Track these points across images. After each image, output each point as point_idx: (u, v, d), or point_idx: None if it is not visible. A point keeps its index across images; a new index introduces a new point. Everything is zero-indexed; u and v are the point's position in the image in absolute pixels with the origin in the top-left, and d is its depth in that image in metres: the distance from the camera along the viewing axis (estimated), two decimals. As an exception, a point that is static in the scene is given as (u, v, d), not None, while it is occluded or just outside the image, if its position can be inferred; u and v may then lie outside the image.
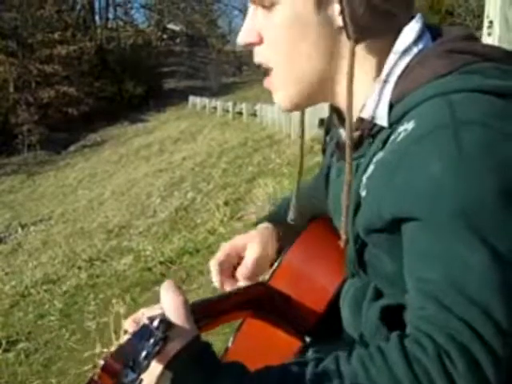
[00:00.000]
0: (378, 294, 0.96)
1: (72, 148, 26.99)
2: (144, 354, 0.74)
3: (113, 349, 0.77)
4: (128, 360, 0.73)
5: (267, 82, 0.98)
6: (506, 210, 0.76)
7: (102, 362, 0.74)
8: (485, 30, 2.65)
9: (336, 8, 0.89)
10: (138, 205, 11.00)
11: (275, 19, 0.92)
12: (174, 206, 9.22)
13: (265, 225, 1.26)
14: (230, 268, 1.21)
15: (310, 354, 1.01)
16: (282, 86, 0.96)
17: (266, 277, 1.15)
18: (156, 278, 5.87)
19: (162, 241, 7.42)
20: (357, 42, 0.89)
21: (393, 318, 0.83)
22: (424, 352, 0.75)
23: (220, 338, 2.63)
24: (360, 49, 0.91)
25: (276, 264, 1.14)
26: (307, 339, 1.05)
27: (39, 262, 9.25)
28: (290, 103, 0.98)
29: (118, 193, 13.74)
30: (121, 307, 5.09)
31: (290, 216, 1.17)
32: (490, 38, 2.57)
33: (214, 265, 1.20)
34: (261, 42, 0.95)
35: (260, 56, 0.97)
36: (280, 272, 1.12)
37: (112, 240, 8.82)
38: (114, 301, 5.43)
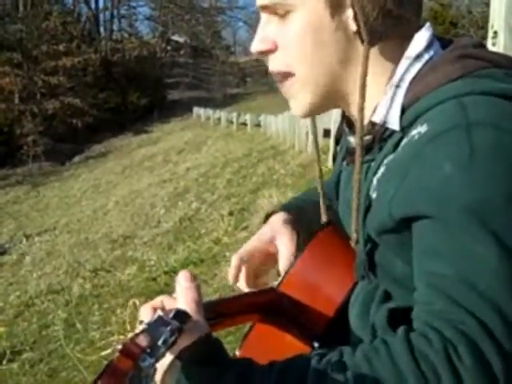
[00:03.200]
0: (387, 297, 0.96)
1: (76, 159, 27.08)
2: (162, 339, 0.75)
3: (130, 336, 0.77)
4: (146, 345, 0.74)
5: (284, 88, 0.99)
6: None
7: (119, 347, 0.74)
8: (489, 40, 2.66)
9: (350, 13, 0.90)
10: (142, 215, 11.02)
11: (290, 27, 0.93)
12: (179, 216, 9.23)
13: (281, 214, 1.23)
14: (255, 265, 1.18)
15: None
16: (301, 92, 0.97)
17: (275, 283, 1.16)
18: (160, 288, 5.86)
19: (166, 251, 7.42)
20: (370, 45, 0.90)
21: (400, 320, 0.83)
22: (430, 345, 0.76)
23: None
24: (372, 53, 0.92)
25: (286, 269, 1.15)
26: (316, 345, 1.05)
27: (44, 272, 9.25)
28: (307, 109, 0.98)
29: (122, 203, 13.76)
30: (125, 317, 5.08)
31: (323, 219, 1.17)
32: (495, 47, 2.57)
33: (235, 259, 1.17)
34: (276, 49, 0.96)
35: (276, 62, 0.97)
36: (290, 277, 1.12)
37: (116, 250, 8.82)
38: (118, 310, 5.43)
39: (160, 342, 0.75)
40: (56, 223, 14.49)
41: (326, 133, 8.01)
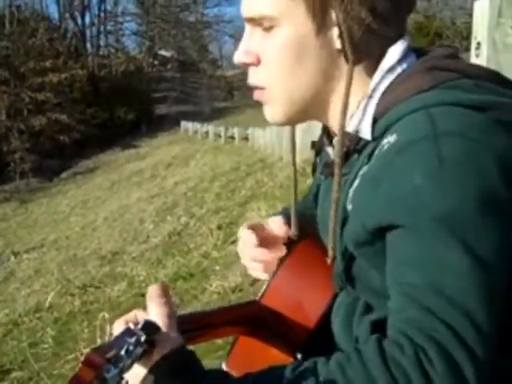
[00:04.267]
0: (368, 309, 0.97)
1: (64, 175, 26.97)
2: (125, 349, 0.75)
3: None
4: (110, 355, 0.74)
5: (258, 95, 0.99)
6: (484, 216, 0.79)
7: (83, 357, 0.74)
8: (473, 52, 2.68)
9: (335, 31, 0.91)
10: (130, 230, 10.97)
11: (274, 41, 0.94)
12: (167, 231, 9.19)
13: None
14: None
15: None
16: (275, 102, 0.98)
17: (257, 296, 1.16)
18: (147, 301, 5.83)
19: (155, 266, 7.39)
20: (354, 64, 0.91)
21: (383, 332, 0.84)
22: (401, 352, 0.76)
23: (213, 362, 2.61)
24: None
25: (267, 282, 1.15)
26: (299, 356, 1.06)
27: (32, 289, 9.18)
28: (280, 118, 1.00)
29: (110, 219, 13.70)
30: (107, 335, 5.05)
31: (292, 232, 1.18)
32: (479, 59, 2.60)
33: (244, 230, 1.17)
34: (258, 63, 0.97)
35: (256, 78, 0.98)
36: (271, 290, 1.13)
37: (105, 266, 8.77)
38: (107, 327, 5.39)
39: (123, 352, 0.75)
40: (44, 240, 14.40)
41: (314, 144, 8.02)
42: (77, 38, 38.46)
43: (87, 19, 40.57)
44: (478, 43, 2.56)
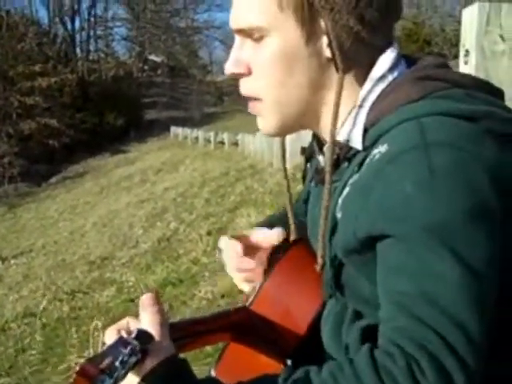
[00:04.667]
0: (357, 316, 0.97)
1: (53, 180, 26.83)
2: (120, 359, 0.75)
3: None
4: (104, 366, 0.74)
5: (252, 107, 1.00)
6: (474, 226, 0.79)
7: (78, 368, 0.74)
8: (461, 59, 2.70)
9: (324, 40, 0.92)
10: (120, 236, 10.93)
11: (264, 52, 0.95)
12: (157, 237, 9.17)
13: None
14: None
15: None
16: (268, 114, 0.98)
17: (247, 303, 1.16)
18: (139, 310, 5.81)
19: (144, 272, 7.36)
20: (344, 72, 0.92)
21: (373, 340, 0.84)
22: (393, 361, 0.76)
23: (203, 368, 2.60)
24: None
25: (257, 289, 1.15)
26: (288, 362, 1.06)
27: (20, 295, 9.12)
28: (273, 130, 1.00)
29: (99, 224, 13.65)
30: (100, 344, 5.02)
31: (292, 237, 1.18)
32: (467, 66, 2.61)
33: (224, 242, 1.20)
34: (249, 73, 0.97)
35: (247, 88, 0.99)
36: (261, 297, 1.13)
37: (94, 272, 8.73)
38: (96, 333, 5.36)
39: (117, 363, 0.75)
40: (32, 245, 14.32)
41: (304, 151, 8.02)
42: (66, 43, 38.35)
43: (77, 24, 40.58)
44: (467, 51, 2.58)
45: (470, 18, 2.55)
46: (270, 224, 1.26)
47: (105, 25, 44.65)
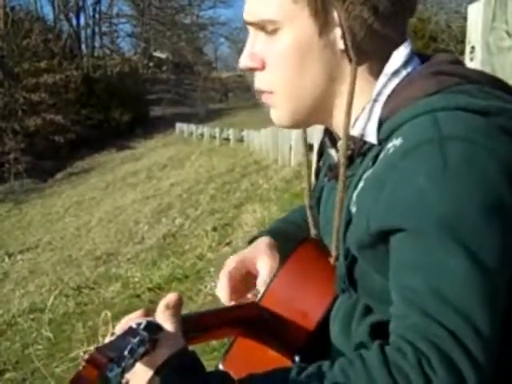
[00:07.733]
0: (367, 311, 0.97)
1: (59, 176, 26.87)
2: (128, 348, 0.76)
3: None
4: (113, 354, 0.75)
5: (266, 98, 1.00)
6: (488, 222, 0.79)
7: (86, 357, 0.75)
8: (467, 55, 2.69)
9: (338, 32, 0.92)
10: (125, 232, 10.95)
11: (278, 45, 0.95)
12: (162, 233, 9.19)
13: (265, 238, 1.24)
14: (237, 281, 1.18)
15: None
16: (281, 105, 0.99)
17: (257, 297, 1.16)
18: (145, 305, 5.83)
19: (150, 267, 7.38)
20: (358, 64, 0.92)
21: (382, 335, 0.84)
22: (404, 358, 0.77)
23: (210, 363, 2.62)
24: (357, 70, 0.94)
25: (267, 284, 1.15)
26: (297, 358, 1.06)
27: (26, 290, 9.15)
28: (287, 121, 1.00)
29: (105, 220, 13.67)
30: (109, 334, 5.03)
31: (312, 232, 1.18)
32: (473, 62, 2.61)
33: (223, 276, 1.17)
34: (263, 67, 0.97)
35: (262, 82, 0.99)
36: (271, 291, 1.13)
37: (100, 267, 8.75)
38: (102, 328, 5.38)
39: (126, 352, 0.76)
40: (39, 241, 14.35)
41: (310, 147, 8.04)
42: (71, 39, 38.34)
43: (82, 20, 40.54)
44: (473, 47, 2.57)
45: (476, 14, 2.54)
46: (281, 232, 1.26)
47: (110, 21, 44.68)
